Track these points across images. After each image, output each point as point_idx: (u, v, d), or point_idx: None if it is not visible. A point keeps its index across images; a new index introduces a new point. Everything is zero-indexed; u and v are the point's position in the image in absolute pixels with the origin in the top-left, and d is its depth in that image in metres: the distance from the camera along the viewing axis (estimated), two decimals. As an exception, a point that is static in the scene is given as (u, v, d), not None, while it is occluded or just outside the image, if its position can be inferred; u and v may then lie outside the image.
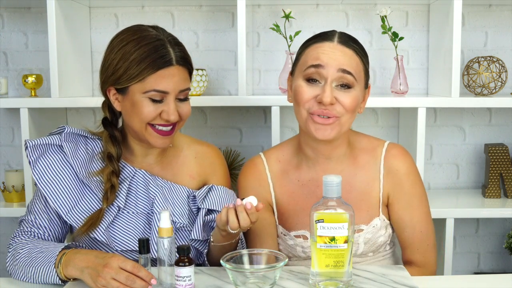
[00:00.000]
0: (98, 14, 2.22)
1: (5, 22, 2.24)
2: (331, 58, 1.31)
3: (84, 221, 1.34)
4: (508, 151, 2.08)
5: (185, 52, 1.36)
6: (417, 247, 1.44)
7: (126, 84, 1.31)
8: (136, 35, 1.32)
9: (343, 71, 1.31)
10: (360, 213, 1.41)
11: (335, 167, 1.43)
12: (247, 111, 2.27)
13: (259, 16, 2.21)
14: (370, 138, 1.49)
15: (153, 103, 1.31)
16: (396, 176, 1.42)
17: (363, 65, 1.36)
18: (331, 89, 1.30)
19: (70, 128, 1.41)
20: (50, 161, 1.37)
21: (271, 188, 1.46)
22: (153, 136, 1.34)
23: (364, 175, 1.43)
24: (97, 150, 1.42)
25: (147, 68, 1.28)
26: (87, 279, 1.19)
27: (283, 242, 1.45)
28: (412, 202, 1.43)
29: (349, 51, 1.33)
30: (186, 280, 1.15)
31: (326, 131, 1.33)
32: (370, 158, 1.44)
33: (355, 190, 1.42)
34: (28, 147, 1.37)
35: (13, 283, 1.32)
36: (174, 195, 1.42)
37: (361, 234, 1.41)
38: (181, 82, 1.33)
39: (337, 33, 1.38)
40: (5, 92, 2.08)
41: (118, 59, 1.31)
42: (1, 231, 2.31)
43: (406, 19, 2.21)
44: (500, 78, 2.01)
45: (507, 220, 2.28)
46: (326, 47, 1.33)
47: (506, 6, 2.20)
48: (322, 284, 1.17)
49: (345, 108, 1.32)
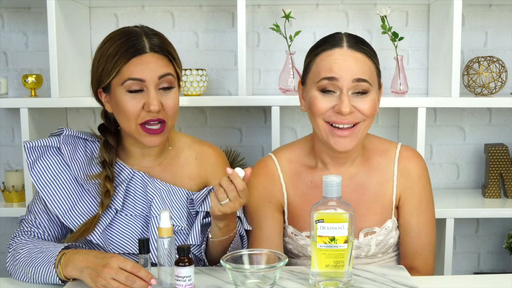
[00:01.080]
0: (98, 14, 2.22)
1: (5, 22, 2.24)
2: (344, 68, 1.29)
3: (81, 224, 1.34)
4: (508, 151, 2.08)
5: (162, 40, 1.35)
6: (419, 252, 1.43)
7: (106, 80, 1.32)
8: (113, 34, 1.35)
9: (358, 80, 1.29)
10: (373, 216, 1.41)
11: (349, 170, 1.42)
12: (247, 111, 2.27)
13: (259, 16, 2.21)
14: (382, 140, 1.49)
15: (133, 95, 1.30)
16: (408, 179, 1.43)
17: (375, 66, 1.35)
18: (348, 98, 1.29)
19: (69, 130, 1.41)
20: (48, 163, 1.37)
21: (284, 188, 1.44)
22: (142, 135, 1.33)
23: (377, 176, 1.43)
24: (96, 152, 1.42)
25: (120, 59, 1.29)
26: (86, 279, 1.19)
27: (293, 242, 1.44)
28: (420, 206, 1.43)
29: (361, 56, 1.31)
30: (186, 280, 1.15)
31: (346, 143, 1.33)
32: (383, 159, 1.44)
33: (368, 192, 1.42)
34: (26, 149, 1.37)
35: (13, 283, 1.32)
36: (173, 197, 1.42)
37: (373, 236, 1.40)
38: (158, 68, 1.31)
39: (345, 36, 1.36)
40: (5, 92, 2.08)
41: (98, 59, 1.33)
42: (1, 231, 2.31)
43: (406, 19, 2.21)
44: (500, 78, 2.01)
45: (507, 220, 2.28)
46: (337, 55, 1.31)
47: (506, 6, 2.20)
48: (322, 284, 1.17)
49: (364, 114, 1.31)
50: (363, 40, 1.37)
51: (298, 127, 2.27)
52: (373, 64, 1.34)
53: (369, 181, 1.42)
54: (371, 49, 1.36)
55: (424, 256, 1.43)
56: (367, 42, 1.37)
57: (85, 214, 1.35)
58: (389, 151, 1.45)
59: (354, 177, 1.42)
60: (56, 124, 2.16)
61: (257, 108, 2.25)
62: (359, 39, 1.37)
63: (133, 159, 1.43)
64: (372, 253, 1.42)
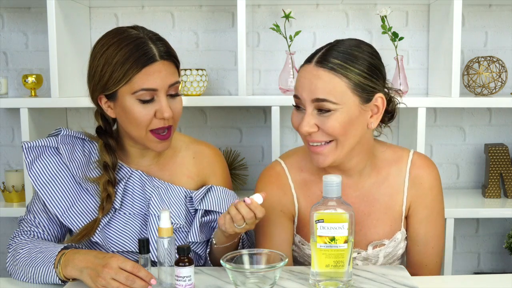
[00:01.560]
0: (98, 14, 2.22)
1: (5, 22, 2.24)
2: (304, 88, 1.25)
3: (80, 222, 1.34)
4: (508, 151, 2.08)
5: (168, 46, 1.34)
6: (425, 263, 1.41)
7: (114, 88, 1.29)
8: (115, 38, 1.31)
9: (317, 100, 1.23)
10: (383, 228, 1.39)
11: (358, 182, 1.38)
12: (247, 111, 2.27)
13: (259, 16, 2.21)
14: (395, 148, 1.43)
15: (144, 104, 1.29)
16: (419, 189, 1.39)
17: (349, 81, 1.23)
18: (309, 118, 1.25)
19: (66, 130, 1.41)
20: (46, 163, 1.37)
21: (295, 199, 1.40)
22: (153, 142, 1.34)
23: (388, 187, 1.39)
24: (94, 153, 1.42)
25: (132, 68, 1.27)
26: (86, 279, 1.19)
27: (300, 250, 1.42)
28: (430, 217, 1.40)
29: (324, 73, 1.23)
30: (186, 280, 1.15)
31: (320, 159, 1.29)
32: (394, 169, 1.39)
33: (378, 203, 1.38)
34: (24, 149, 1.37)
35: (13, 283, 1.32)
36: (171, 195, 1.42)
37: (382, 249, 1.38)
38: (169, 77, 1.31)
39: (323, 51, 1.27)
40: (5, 92, 2.08)
41: (102, 64, 1.30)
42: (1, 231, 2.31)
43: (406, 19, 2.21)
44: (500, 78, 2.01)
45: (507, 220, 2.27)
46: (302, 73, 1.28)
47: (506, 6, 2.20)
48: (322, 284, 1.17)
49: (328, 133, 1.25)
50: (343, 53, 1.25)
51: (298, 127, 2.27)
52: (346, 80, 1.23)
53: (378, 192, 1.38)
54: (351, 63, 1.24)
55: (431, 267, 1.41)
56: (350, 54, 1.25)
57: (84, 213, 1.35)
58: (400, 160, 1.40)
59: (363, 188, 1.38)
60: (56, 124, 2.16)
61: (257, 108, 2.25)
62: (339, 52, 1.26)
63: (131, 159, 1.43)
64: (379, 263, 1.40)
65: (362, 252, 1.39)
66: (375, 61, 1.29)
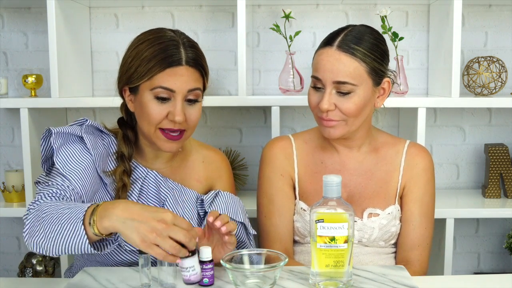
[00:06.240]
0: (98, 14, 2.23)
1: (5, 22, 2.24)
2: (326, 70, 1.36)
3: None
4: (508, 151, 2.08)
5: (198, 54, 1.35)
6: (418, 243, 1.46)
7: (136, 82, 1.31)
8: (152, 35, 1.33)
9: (338, 83, 1.35)
10: (377, 199, 1.47)
11: (357, 155, 1.49)
12: (247, 111, 2.27)
13: (259, 16, 2.21)
14: (392, 136, 1.56)
15: (160, 102, 1.30)
16: (414, 170, 1.49)
17: (366, 66, 1.36)
18: (329, 97, 1.37)
19: (90, 121, 1.41)
20: (73, 150, 1.35)
21: (295, 164, 1.51)
22: (161, 140, 1.34)
23: (385, 165, 1.49)
24: (112, 146, 1.42)
25: (156, 66, 1.29)
26: (130, 232, 1.06)
27: (301, 219, 1.48)
28: (424, 198, 1.48)
29: (345, 57, 1.35)
30: (190, 270, 1.15)
31: (331, 131, 1.40)
32: (392, 151, 1.51)
33: (375, 178, 1.49)
34: (54, 134, 1.34)
35: (13, 283, 1.31)
36: (185, 198, 1.43)
37: (377, 219, 1.45)
38: (190, 82, 1.32)
39: (341, 35, 1.38)
40: (5, 92, 2.08)
41: (132, 57, 1.32)
42: (1, 231, 2.31)
43: (406, 19, 2.21)
44: (500, 78, 2.01)
45: (507, 220, 2.28)
46: (324, 55, 1.38)
47: (506, 6, 2.20)
48: (322, 284, 1.17)
49: (345, 113, 1.37)
50: (359, 40, 1.37)
51: (298, 127, 2.27)
52: (363, 64, 1.36)
53: (376, 168, 1.49)
54: (367, 49, 1.36)
55: (422, 248, 1.47)
56: (365, 42, 1.37)
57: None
58: (397, 145, 1.52)
59: (362, 162, 1.49)
60: (56, 124, 2.15)
61: (257, 108, 2.25)
62: (355, 38, 1.37)
63: (145, 160, 1.44)
64: (374, 237, 1.45)
65: (358, 220, 1.46)
66: (385, 47, 1.43)
